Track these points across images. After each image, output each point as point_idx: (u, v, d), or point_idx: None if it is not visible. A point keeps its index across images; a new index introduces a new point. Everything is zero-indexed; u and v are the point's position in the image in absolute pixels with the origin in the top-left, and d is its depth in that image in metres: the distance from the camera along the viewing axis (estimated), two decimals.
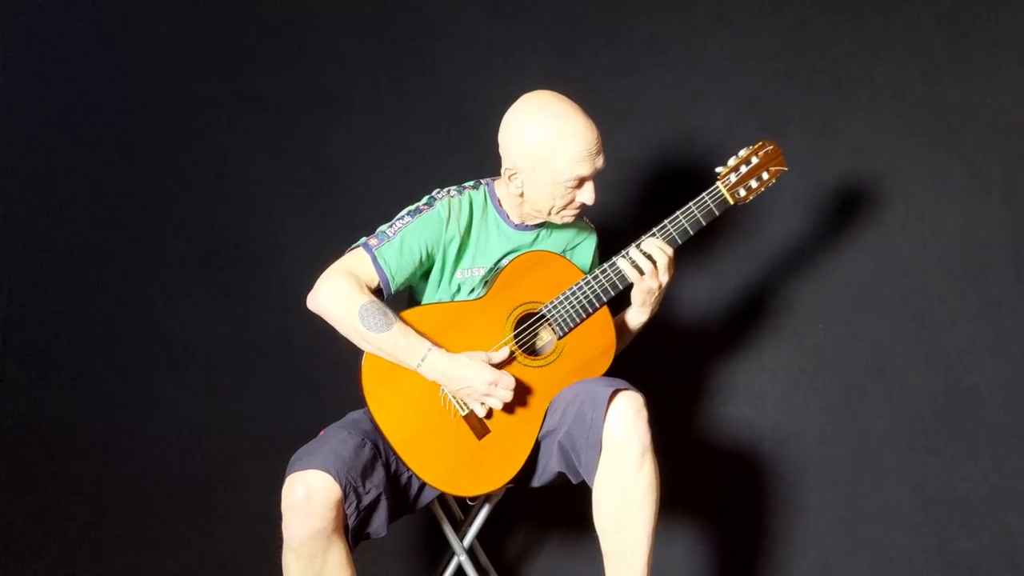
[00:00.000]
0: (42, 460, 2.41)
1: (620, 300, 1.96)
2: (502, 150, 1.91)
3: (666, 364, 2.47)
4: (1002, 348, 2.45)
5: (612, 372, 1.93)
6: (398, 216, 1.90)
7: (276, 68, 2.59)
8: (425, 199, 1.92)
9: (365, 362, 1.84)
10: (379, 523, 1.78)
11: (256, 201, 2.58)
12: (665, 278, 1.91)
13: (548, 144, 1.83)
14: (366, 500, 1.73)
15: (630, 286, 1.92)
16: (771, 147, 1.94)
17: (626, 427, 1.73)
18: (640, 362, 2.10)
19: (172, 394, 2.51)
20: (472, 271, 1.94)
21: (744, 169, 1.93)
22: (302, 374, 2.56)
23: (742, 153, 1.93)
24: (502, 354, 1.85)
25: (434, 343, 1.82)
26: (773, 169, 1.95)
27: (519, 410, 1.88)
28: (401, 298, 1.99)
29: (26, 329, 2.40)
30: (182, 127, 2.54)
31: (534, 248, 1.98)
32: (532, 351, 1.94)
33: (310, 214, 2.58)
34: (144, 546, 2.44)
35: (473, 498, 2.03)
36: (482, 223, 1.95)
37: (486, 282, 1.94)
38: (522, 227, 1.98)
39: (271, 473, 1.83)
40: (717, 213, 1.92)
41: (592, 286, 1.91)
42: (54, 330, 2.43)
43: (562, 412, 1.84)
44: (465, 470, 1.84)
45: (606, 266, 1.91)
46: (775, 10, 2.52)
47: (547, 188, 1.87)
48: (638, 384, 1.81)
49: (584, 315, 1.92)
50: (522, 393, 1.87)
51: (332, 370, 2.25)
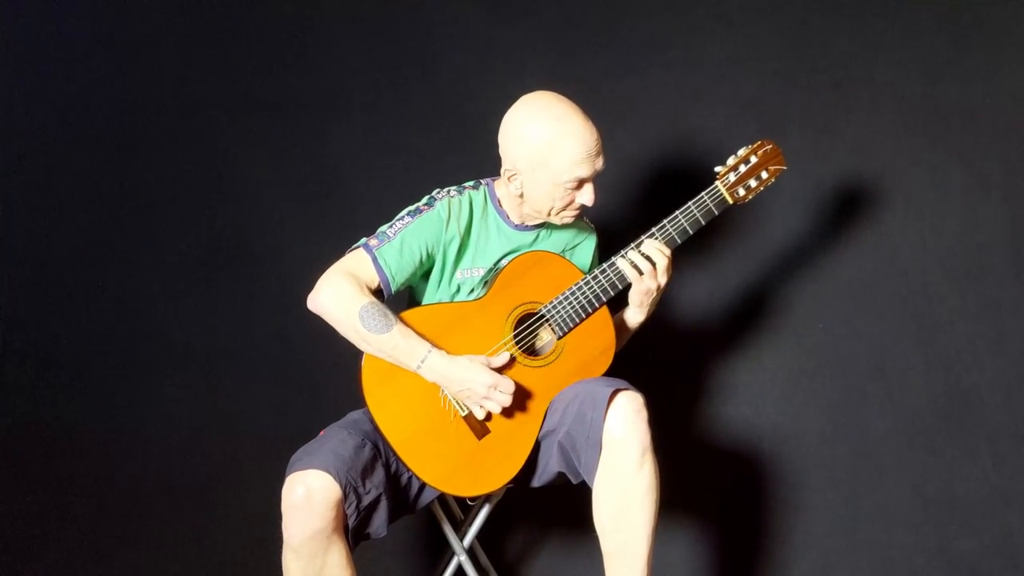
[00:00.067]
0: (42, 460, 2.40)
1: (618, 300, 1.96)
2: (502, 151, 1.91)
3: (666, 364, 2.47)
4: (1002, 348, 2.45)
5: (612, 372, 1.93)
6: (398, 216, 1.90)
7: (276, 68, 2.59)
8: (425, 199, 1.92)
9: (365, 363, 1.84)
10: (379, 523, 1.78)
11: (256, 201, 2.58)
12: (664, 279, 1.91)
13: (548, 145, 1.82)
14: (366, 500, 1.73)
15: (629, 286, 1.92)
16: (770, 146, 1.94)
17: (626, 427, 1.73)
18: (640, 362, 2.10)
19: (172, 394, 2.51)
20: (472, 271, 1.94)
21: (743, 168, 1.93)
22: (302, 374, 2.56)
23: (741, 152, 1.93)
24: (502, 357, 1.85)
25: (434, 344, 1.82)
26: (772, 168, 1.95)
27: (519, 410, 1.87)
28: (401, 298, 1.99)
29: (26, 329, 2.40)
30: (182, 127, 2.54)
31: (534, 248, 1.98)
32: (532, 351, 1.94)
33: (310, 214, 2.58)
34: (144, 546, 2.43)
35: (473, 498, 2.03)
36: (482, 223, 1.95)
37: (486, 282, 1.94)
38: (522, 227, 1.98)
39: (271, 473, 1.83)
40: (716, 213, 1.92)
41: (592, 286, 1.91)
42: (54, 330, 2.43)
43: (562, 412, 1.84)
44: (465, 470, 1.84)
45: (605, 266, 1.91)
46: (775, 10, 2.52)
47: (547, 189, 1.86)
48: (638, 384, 1.81)
49: (584, 315, 1.92)
50: (522, 393, 1.86)
51: (332, 370, 2.25)
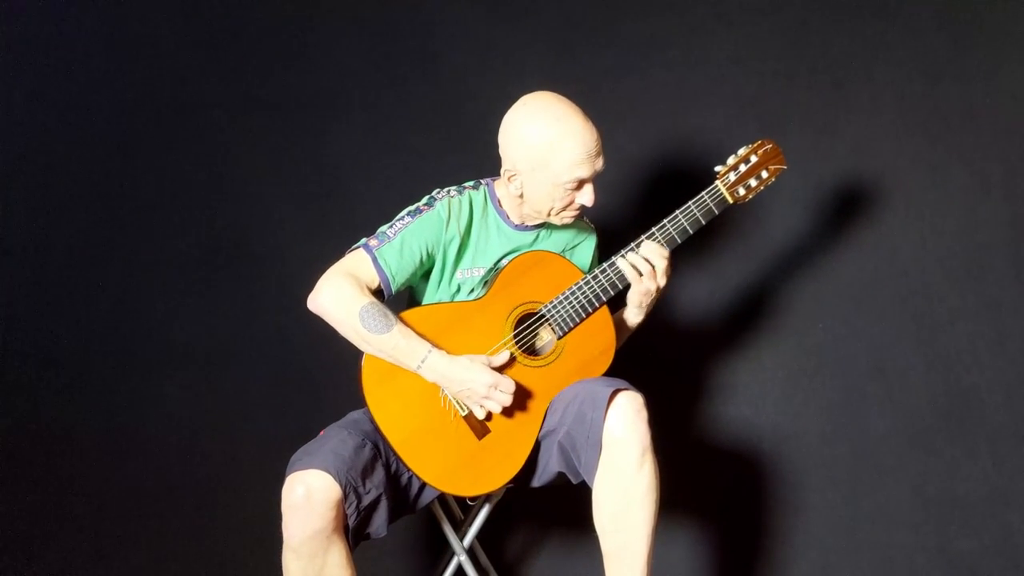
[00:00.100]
0: (42, 460, 2.40)
1: (618, 300, 1.96)
2: (502, 151, 1.91)
3: (666, 364, 2.47)
4: (1002, 348, 2.45)
5: (612, 372, 1.93)
6: (398, 217, 1.90)
7: (276, 68, 2.59)
8: (425, 199, 1.92)
9: (365, 363, 1.83)
10: (379, 523, 1.78)
11: (256, 201, 2.58)
12: (663, 281, 1.91)
13: (548, 146, 1.82)
14: (366, 500, 1.73)
15: (629, 286, 1.92)
16: (770, 146, 1.94)
17: (626, 427, 1.73)
18: (640, 362, 2.10)
19: (172, 394, 2.51)
20: (472, 271, 1.94)
21: (743, 168, 1.93)
22: (302, 374, 2.56)
23: (741, 152, 1.93)
24: (503, 357, 1.85)
25: (434, 344, 1.82)
26: (772, 168, 1.94)
27: (519, 410, 1.87)
28: (401, 298, 1.99)
29: (26, 329, 2.40)
30: (182, 127, 2.54)
31: (534, 248, 1.98)
32: (532, 351, 1.93)
33: (310, 214, 2.58)
34: (144, 546, 2.43)
35: (473, 498, 2.03)
36: (482, 223, 1.95)
37: (486, 282, 1.94)
38: (522, 227, 1.98)
39: (271, 473, 1.83)
40: (716, 212, 1.92)
41: (592, 286, 1.91)
42: (54, 330, 2.43)
43: (562, 412, 1.84)
44: (465, 470, 1.84)
45: (605, 266, 1.91)
46: (775, 10, 2.52)
47: (546, 189, 1.86)
48: (638, 384, 1.81)
49: (584, 315, 1.91)
50: (522, 393, 1.86)
51: (332, 370, 2.26)
